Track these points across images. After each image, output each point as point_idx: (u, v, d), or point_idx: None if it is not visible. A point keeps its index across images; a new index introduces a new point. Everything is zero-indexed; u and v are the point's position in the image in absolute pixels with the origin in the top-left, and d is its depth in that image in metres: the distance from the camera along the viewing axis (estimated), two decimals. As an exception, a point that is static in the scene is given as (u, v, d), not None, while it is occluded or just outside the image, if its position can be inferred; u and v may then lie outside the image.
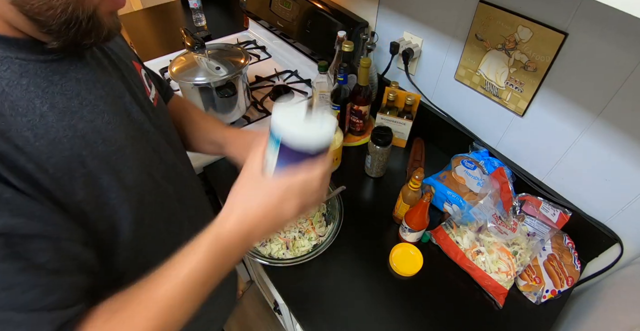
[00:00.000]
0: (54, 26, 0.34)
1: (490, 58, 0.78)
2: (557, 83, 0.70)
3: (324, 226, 0.81)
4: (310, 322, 0.69)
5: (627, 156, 0.65)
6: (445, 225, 0.80)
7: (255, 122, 1.09)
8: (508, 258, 0.72)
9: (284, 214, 0.42)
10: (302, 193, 0.42)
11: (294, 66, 1.31)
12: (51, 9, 0.33)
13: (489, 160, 0.86)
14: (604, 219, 0.74)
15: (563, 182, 0.79)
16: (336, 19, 1.07)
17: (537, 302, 0.72)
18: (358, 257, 0.79)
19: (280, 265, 0.73)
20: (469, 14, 0.77)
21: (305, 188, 0.42)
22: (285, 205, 0.41)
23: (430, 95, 0.99)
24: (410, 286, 0.75)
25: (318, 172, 0.42)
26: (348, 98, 0.95)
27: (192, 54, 0.92)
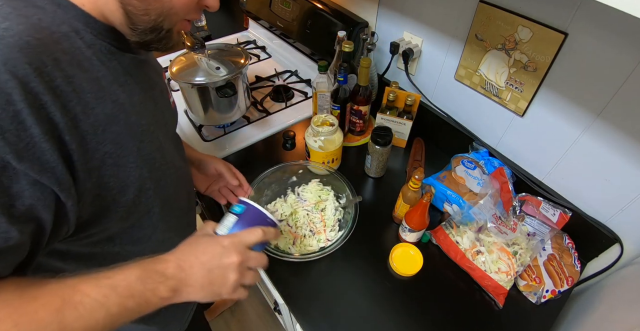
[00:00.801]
0: (141, 26, 0.43)
1: (490, 58, 0.78)
2: (557, 84, 0.70)
3: (336, 231, 0.81)
4: (310, 322, 0.69)
5: (627, 156, 0.65)
6: (445, 225, 0.80)
7: (255, 122, 1.09)
8: (508, 258, 0.72)
9: (223, 266, 0.47)
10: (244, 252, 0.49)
11: (294, 66, 1.31)
12: (147, 14, 0.42)
13: (489, 160, 0.86)
14: (604, 219, 0.74)
15: (563, 182, 0.79)
16: (336, 19, 1.07)
17: (537, 302, 0.72)
18: (358, 257, 0.79)
19: (284, 259, 0.73)
20: (469, 14, 0.77)
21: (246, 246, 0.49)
22: (225, 257, 0.47)
23: (430, 95, 0.99)
24: (410, 286, 0.75)
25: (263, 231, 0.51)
26: (348, 98, 0.95)
27: (192, 53, 0.92)
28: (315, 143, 0.86)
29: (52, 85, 0.35)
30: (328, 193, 0.87)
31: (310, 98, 1.18)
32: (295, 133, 1.02)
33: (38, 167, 0.34)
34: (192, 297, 0.46)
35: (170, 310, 0.69)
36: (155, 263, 0.44)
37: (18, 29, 0.33)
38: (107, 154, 0.42)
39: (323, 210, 0.84)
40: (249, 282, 0.51)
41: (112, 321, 0.39)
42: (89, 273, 0.40)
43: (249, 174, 0.83)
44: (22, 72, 0.32)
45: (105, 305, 0.38)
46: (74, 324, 0.36)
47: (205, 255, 0.47)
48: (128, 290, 0.40)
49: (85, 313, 0.37)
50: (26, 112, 0.33)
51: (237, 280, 0.48)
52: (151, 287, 0.42)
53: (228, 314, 1.58)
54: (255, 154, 1.02)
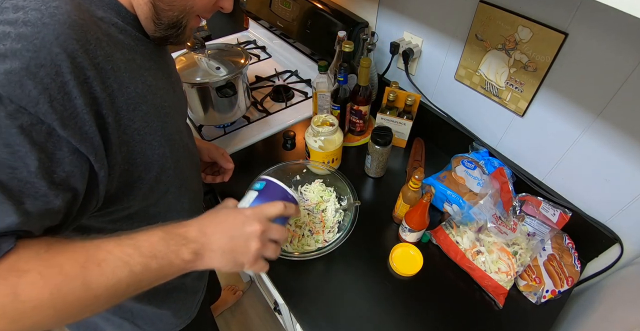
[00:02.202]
0: (165, 21, 0.46)
1: (491, 58, 0.78)
2: (557, 84, 0.70)
3: (334, 232, 0.81)
4: (310, 322, 0.69)
5: (627, 156, 0.65)
6: (445, 225, 0.80)
7: (255, 122, 1.09)
8: (508, 258, 0.72)
9: (245, 234, 0.47)
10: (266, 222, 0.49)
11: (294, 66, 1.31)
12: (171, 10, 0.45)
13: (489, 160, 0.86)
14: (604, 219, 0.74)
15: (563, 182, 0.79)
16: (336, 19, 1.07)
17: (537, 302, 0.72)
18: (358, 257, 0.79)
19: (284, 257, 0.73)
20: (469, 14, 0.77)
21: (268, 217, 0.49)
22: (247, 226, 0.47)
23: (430, 95, 0.99)
24: (410, 286, 0.75)
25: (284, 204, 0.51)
26: (348, 98, 0.95)
27: (192, 53, 0.92)
28: (315, 143, 0.86)
29: (95, 62, 0.38)
30: (330, 195, 0.87)
31: (310, 98, 1.18)
32: (295, 133, 1.02)
33: (79, 136, 0.37)
34: (214, 263, 0.46)
35: (180, 296, 0.72)
36: (177, 227, 0.45)
37: (66, 8, 0.35)
38: (136, 131, 0.44)
39: (324, 211, 0.84)
40: (270, 254, 0.50)
41: (136, 281, 0.40)
42: (114, 235, 0.41)
43: (249, 174, 0.83)
44: (71, 47, 0.35)
45: (128, 263, 0.39)
46: (98, 279, 0.37)
47: (227, 222, 0.47)
48: (151, 250, 0.41)
49: (109, 270, 0.38)
50: (72, 84, 0.35)
51: (258, 249, 0.48)
52: (174, 249, 0.42)
53: (228, 314, 1.58)
54: (255, 154, 1.02)
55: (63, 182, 0.37)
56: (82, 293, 0.36)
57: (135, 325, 0.67)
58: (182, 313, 0.75)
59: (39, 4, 0.34)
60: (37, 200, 0.35)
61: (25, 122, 0.33)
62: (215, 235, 0.46)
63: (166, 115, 0.50)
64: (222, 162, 0.80)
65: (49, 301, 0.34)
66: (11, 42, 0.32)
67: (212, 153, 0.79)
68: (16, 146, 0.33)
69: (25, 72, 0.32)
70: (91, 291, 0.37)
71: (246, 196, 0.55)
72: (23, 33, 0.33)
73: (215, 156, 0.79)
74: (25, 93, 0.33)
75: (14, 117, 0.33)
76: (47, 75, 0.34)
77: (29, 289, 0.34)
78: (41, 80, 0.33)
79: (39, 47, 0.33)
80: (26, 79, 0.33)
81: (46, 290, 0.34)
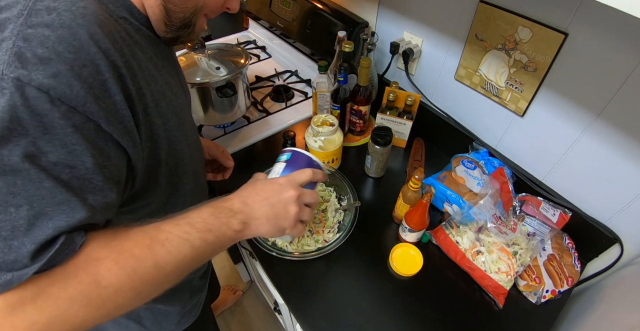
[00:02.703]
0: (176, 23, 0.47)
1: (490, 58, 0.78)
2: (557, 84, 0.70)
3: (334, 232, 0.81)
4: (310, 322, 0.69)
5: (627, 156, 0.65)
6: (445, 225, 0.80)
7: (255, 122, 1.09)
8: (508, 258, 0.72)
9: (283, 200, 0.50)
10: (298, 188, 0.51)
11: (294, 66, 1.31)
12: (182, 11, 0.46)
13: (489, 160, 0.86)
14: (604, 219, 0.74)
15: (563, 182, 0.79)
16: (336, 19, 1.07)
17: (537, 302, 0.72)
18: (358, 257, 0.79)
19: (284, 257, 0.73)
20: (469, 14, 0.77)
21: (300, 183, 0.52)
22: (284, 192, 0.50)
23: (430, 95, 0.99)
24: (410, 286, 0.75)
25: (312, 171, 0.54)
26: (348, 98, 0.95)
27: (192, 53, 0.92)
28: (315, 143, 0.86)
29: (124, 59, 0.39)
30: (330, 195, 0.87)
31: (310, 98, 1.18)
32: (295, 133, 1.02)
33: (121, 131, 0.39)
34: (260, 230, 0.49)
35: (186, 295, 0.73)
36: (222, 201, 0.48)
37: (93, 8, 0.37)
38: (160, 126, 0.46)
39: (324, 211, 0.84)
40: (306, 217, 0.53)
41: (197, 255, 0.43)
42: (166, 216, 0.43)
43: (249, 174, 0.83)
44: (104, 45, 0.36)
45: (188, 240, 0.42)
46: (166, 258, 0.40)
47: (265, 191, 0.50)
48: (205, 225, 0.43)
49: (173, 248, 0.40)
50: (111, 82, 0.37)
51: (297, 212, 0.51)
52: (224, 221, 0.45)
53: (228, 314, 1.58)
54: (255, 154, 1.02)
55: (113, 175, 0.39)
56: (154, 271, 0.39)
57: (142, 325, 0.68)
58: (186, 312, 0.75)
59: (69, 5, 0.35)
60: (96, 195, 0.37)
61: (77, 121, 0.35)
62: (256, 204, 0.49)
63: (181, 111, 0.52)
64: (222, 159, 0.80)
65: (127, 283, 0.37)
66: (53, 44, 0.33)
67: (212, 150, 0.80)
68: (72, 145, 0.34)
69: (71, 73, 0.34)
70: (162, 270, 0.40)
71: (275, 167, 0.58)
72: (62, 35, 0.34)
73: (215, 154, 0.80)
74: (74, 93, 0.34)
75: (68, 117, 0.34)
76: (89, 75, 0.35)
77: (107, 275, 0.36)
78: (85, 79, 0.35)
79: (78, 48, 0.34)
80: (73, 80, 0.34)
81: (123, 273, 0.37)
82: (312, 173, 0.54)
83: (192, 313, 0.78)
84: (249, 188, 0.51)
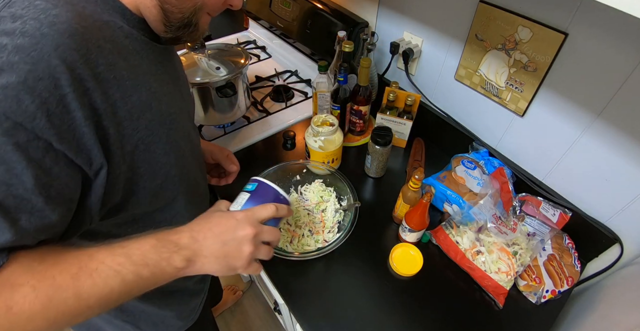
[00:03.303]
0: (175, 23, 0.45)
1: (490, 58, 0.78)
2: (557, 84, 0.70)
3: (334, 232, 0.81)
4: (310, 322, 0.69)
5: (627, 156, 0.65)
6: (445, 225, 0.80)
7: (255, 122, 1.09)
8: (508, 258, 0.72)
9: (237, 238, 0.46)
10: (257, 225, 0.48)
11: (294, 66, 1.31)
12: (181, 12, 0.44)
13: (489, 160, 0.86)
14: (604, 219, 0.74)
15: (563, 182, 0.79)
16: (336, 19, 1.07)
17: (537, 302, 0.72)
18: (358, 257, 0.79)
19: (284, 257, 0.73)
20: (469, 14, 0.77)
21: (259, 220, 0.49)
22: (239, 230, 0.47)
23: (430, 95, 0.99)
24: (410, 286, 0.75)
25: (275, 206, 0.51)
26: (348, 98, 0.95)
27: (192, 53, 0.92)
28: (315, 143, 0.86)
29: (95, 72, 0.37)
30: (330, 195, 0.87)
31: (310, 98, 1.18)
32: (295, 133, 1.02)
33: (75, 149, 0.36)
34: (207, 269, 0.46)
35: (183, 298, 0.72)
36: (169, 234, 0.45)
37: (67, 16, 0.34)
38: (140, 140, 0.44)
39: (324, 211, 0.84)
40: (263, 256, 0.50)
41: (127, 290, 0.40)
42: (106, 243, 0.41)
43: (249, 174, 0.82)
44: (70, 58, 0.34)
45: (120, 272, 0.39)
46: (89, 290, 0.37)
47: (219, 227, 0.47)
48: (142, 259, 0.41)
49: (100, 280, 0.38)
50: (71, 97, 0.34)
51: (251, 252, 0.48)
52: (165, 256, 0.42)
53: (228, 314, 1.58)
54: (255, 154, 1.02)
55: (59, 195, 0.37)
56: (74, 303, 0.37)
57: (138, 327, 0.67)
58: (184, 315, 0.75)
59: (38, 13, 0.33)
60: (33, 215, 0.35)
61: (22, 138, 0.32)
62: (207, 240, 0.45)
63: (172, 121, 0.49)
64: (226, 164, 0.78)
65: (41, 313, 0.35)
66: (8, 54, 0.31)
67: (215, 155, 0.78)
68: (12, 163, 0.32)
69: (22, 86, 0.31)
70: (83, 301, 0.37)
71: (238, 198, 0.54)
72: (21, 44, 0.31)
73: (219, 158, 0.78)
74: (22, 108, 0.32)
75: (10, 134, 0.32)
76: (45, 89, 0.33)
77: (21, 302, 0.34)
78: (39, 94, 0.32)
79: (36, 59, 0.32)
80: (23, 94, 0.31)
81: (38, 302, 0.35)
82: (275, 209, 0.51)
83: (190, 317, 0.77)
84: (202, 222, 0.48)
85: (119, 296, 0.40)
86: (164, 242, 0.43)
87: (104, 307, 0.39)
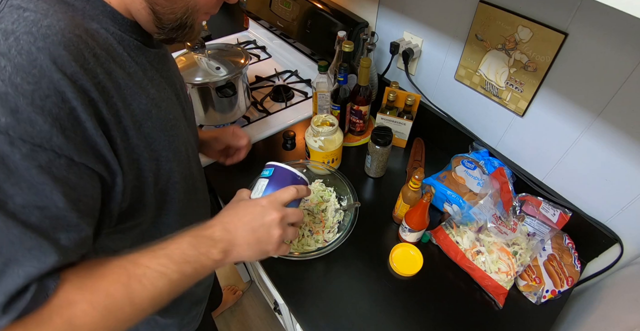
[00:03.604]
0: (168, 25, 0.43)
1: (490, 58, 0.78)
2: (557, 84, 0.70)
3: (334, 232, 0.81)
4: (310, 322, 0.69)
5: (627, 156, 0.65)
6: (445, 225, 0.80)
7: (255, 122, 1.09)
8: (508, 258, 0.72)
9: (266, 224, 0.49)
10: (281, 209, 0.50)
11: (294, 66, 1.31)
12: (173, 13, 0.42)
13: (489, 160, 0.86)
14: (604, 219, 0.74)
15: (563, 182, 0.79)
16: (336, 19, 1.07)
17: (537, 302, 0.72)
18: (358, 257, 0.79)
19: (284, 257, 0.73)
20: (469, 14, 0.77)
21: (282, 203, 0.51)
22: (266, 215, 0.49)
23: (430, 95, 0.99)
24: (410, 286, 0.75)
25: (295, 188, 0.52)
26: (348, 98, 0.95)
27: (192, 53, 0.92)
28: (315, 143, 0.86)
29: (96, 82, 0.36)
30: (330, 195, 0.87)
31: (310, 98, 1.18)
32: (295, 133, 1.02)
33: (94, 159, 0.37)
34: (242, 256, 0.49)
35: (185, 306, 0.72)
36: (202, 229, 0.47)
37: (59, 26, 0.33)
38: (145, 149, 0.44)
39: (324, 211, 0.84)
40: (290, 237, 0.53)
41: (174, 288, 0.42)
42: (145, 247, 0.43)
43: (249, 174, 0.83)
44: (70, 69, 0.33)
45: (165, 273, 0.41)
46: (141, 295, 0.39)
47: (247, 215, 0.49)
48: (183, 257, 0.43)
49: (149, 283, 0.40)
50: (80, 109, 0.34)
51: (280, 235, 0.50)
52: (204, 251, 0.44)
53: (228, 314, 1.58)
54: (255, 154, 1.02)
55: (87, 207, 0.38)
56: (130, 309, 0.39)
57: None
58: (185, 322, 0.74)
59: (30, 26, 0.32)
60: (70, 232, 0.36)
61: (43, 160, 0.32)
62: (238, 230, 0.48)
63: (172, 127, 0.49)
64: (235, 141, 0.78)
65: (101, 322, 0.37)
66: (9, 76, 0.30)
67: (221, 139, 0.78)
68: (39, 185, 0.32)
69: (31, 107, 0.31)
70: (137, 306, 0.39)
71: (257, 185, 0.56)
72: (19, 64, 0.30)
73: (226, 139, 0.78)
74: (36, 130, 0.31)
75: (31, 158, 0.31)
76: (54, 105, 0.32)
77: (82, 317, 0.36)
78: (49, 111, 0.32)
79: (39, 76, 0.31)
80: (34, 115, 0.31)
81: (97, 314, 0.36)
82: (296, 191, 0.53)
83: (191, 324, 0.77)
84: (230, 213, 0.50)
85: (168, 295, 0.42)
86: (199, 238, 0.45)
87: (156, 307, 0.42)
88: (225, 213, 0.50)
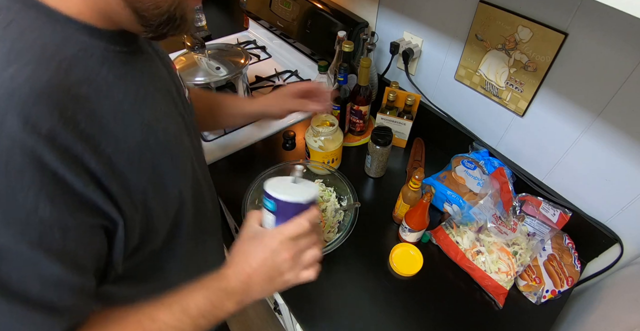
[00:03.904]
0: (154, 21, 0.37)
1: (490, 58, 0.78)
2: (557, 84, 0.70)
3: (334, 232, 0.81)
4: (310, 322, 0.69)
5: (627, 156, 0.65)
6: (445, 225, 0.80)
7: (255, 122, 1.09)
8: (508, 258, 0.72)
9: (277, 265, 0.47)
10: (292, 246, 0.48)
11: (294, 66, 1.31)
12: (157, 8, 0.36)
13: (489, 160, 0.86)
14: (604, 219, 0.74)
15: (563, 182, 0.79)
16: (336, 19, 1.07)
17: (537, 302, 0.72)
18: (358, 257, 0.79)
19: None
20: (469, 14, 0.77)
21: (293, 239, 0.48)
22: (276, 257, 0.47)
23: (430, 95, 0.99)
24: (410, 286, 0.75)
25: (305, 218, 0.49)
26: (348, 98, 0.95)
27: (192, 53, 0.92)
28: (315, 143, 0.86)
29: (78, 130, 0.32)
30: (330, 195, 0.87)
31: (310, 98, 1.18)
32: (295, 133, 1.02)
33: (91, 214, 0.34)
34: (257, 298, 0.49)
35: None
36: (216, 280, 0.46)
37: (26, 74, 0.29)
38: (147, 183, 0.40)
39: (324, 211, 0.84)
40: (309, 266, 0.51)
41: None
42: (160, 299, 0.43)
43: (250, 174, 0.83)
44: (46, 127, 0.29)
45: (180, 328, 0.41)
46: None
47: (256, 260, 0.47)
48: (198, 312, 0.43)
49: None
50: (63, 171, 0.30)
51: (295, 274, 0.49)
52: (218, 305, 0.45)
53: (228, 314, 1.58)
54: (255, 154, 1.02)
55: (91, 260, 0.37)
56: None
57: None
58: None
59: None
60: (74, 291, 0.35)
61: (34, 236, 0.30)
62: (252, 278, 0.47)
63: (174, 146, 0.45)
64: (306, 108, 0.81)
65: None
66: None
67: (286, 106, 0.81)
68: (35, 260, 0.31)
69: (9, 188, 0.27)
70: None
71: (265, 218, 0.52)
72: None
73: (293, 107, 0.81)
74: (19, 206, 0.28)
75: (21, 235, 0.29)
76: (32, 177, 0.28)
77: None
78: (29, 185, 0.28)
79: (8, 147, 0.27)
80: (15, 192, 0.28)
81: None
82: (307, 223, 0.49)
83: None
84: (242, 258, 0.48)
85: None
86: (214, 291, 0.45)
87: None
88: (237, 259, 0.48)
